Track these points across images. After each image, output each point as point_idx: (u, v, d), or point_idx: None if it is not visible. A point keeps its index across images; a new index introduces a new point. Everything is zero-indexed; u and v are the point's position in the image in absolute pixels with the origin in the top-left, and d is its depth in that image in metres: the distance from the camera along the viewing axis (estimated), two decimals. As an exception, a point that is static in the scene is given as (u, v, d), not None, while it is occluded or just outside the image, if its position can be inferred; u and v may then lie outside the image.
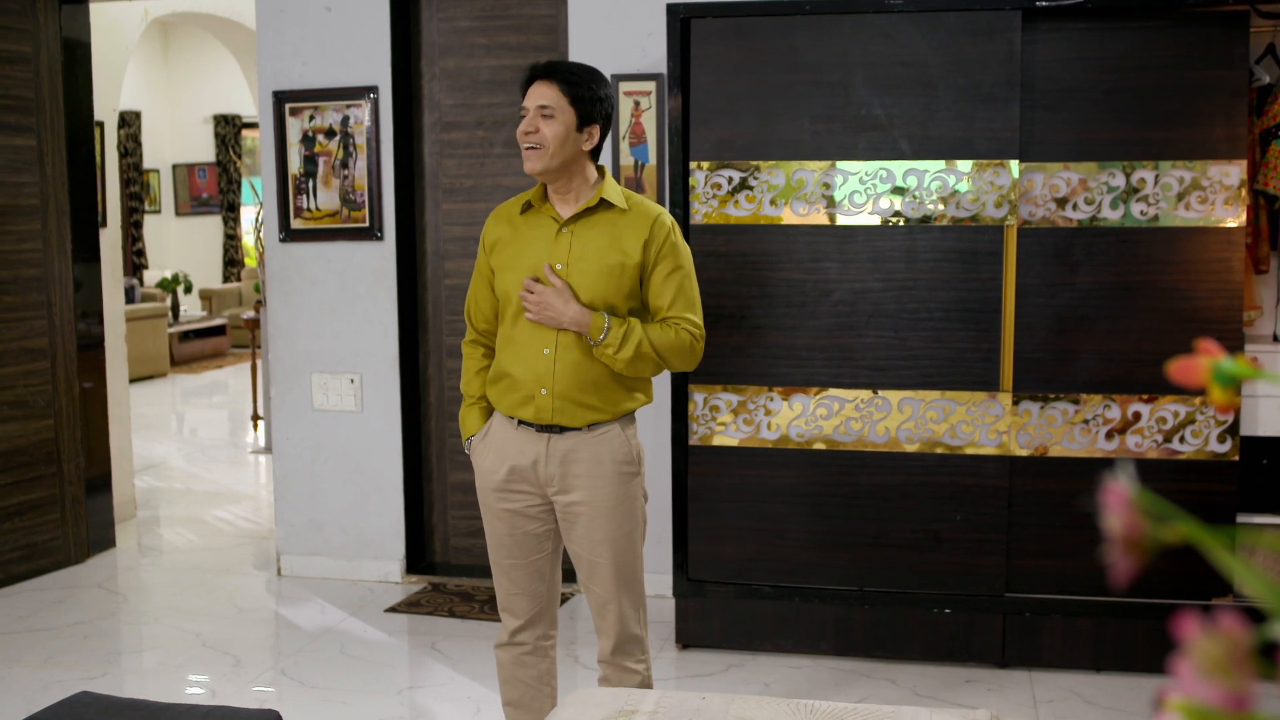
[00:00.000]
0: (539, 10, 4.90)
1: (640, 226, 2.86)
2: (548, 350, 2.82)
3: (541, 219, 2.89)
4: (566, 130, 2.80)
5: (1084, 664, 4.02)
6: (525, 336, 2.85)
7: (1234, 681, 0.58)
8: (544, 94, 2.82)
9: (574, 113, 2.81)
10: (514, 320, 2.88)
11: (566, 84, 2.81)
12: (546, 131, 2.79)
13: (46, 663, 4.22)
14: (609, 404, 2.87)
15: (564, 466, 2.86)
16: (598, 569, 2.89)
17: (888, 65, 3.94)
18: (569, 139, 2.81)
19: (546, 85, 2.82)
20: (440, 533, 5.22)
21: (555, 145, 2.79)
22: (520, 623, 2.99)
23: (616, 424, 2.89)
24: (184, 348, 12.16)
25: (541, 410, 2.84)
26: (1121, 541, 0.63)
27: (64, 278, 5.25)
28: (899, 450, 4.01)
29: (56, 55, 5.18)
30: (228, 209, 14.34)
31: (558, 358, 2.82)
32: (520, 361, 2.86)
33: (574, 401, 2.83)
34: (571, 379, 2.82)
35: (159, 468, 7.49)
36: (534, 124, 2.81)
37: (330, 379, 5.07)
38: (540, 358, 2.83)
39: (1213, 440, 3.87)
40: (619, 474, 2.87)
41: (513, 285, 2.86)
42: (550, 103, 2.80)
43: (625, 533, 2.89)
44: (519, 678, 3.03)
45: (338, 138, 4.97)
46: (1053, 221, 3.90)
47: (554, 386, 2.82)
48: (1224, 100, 3.81)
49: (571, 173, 2.85)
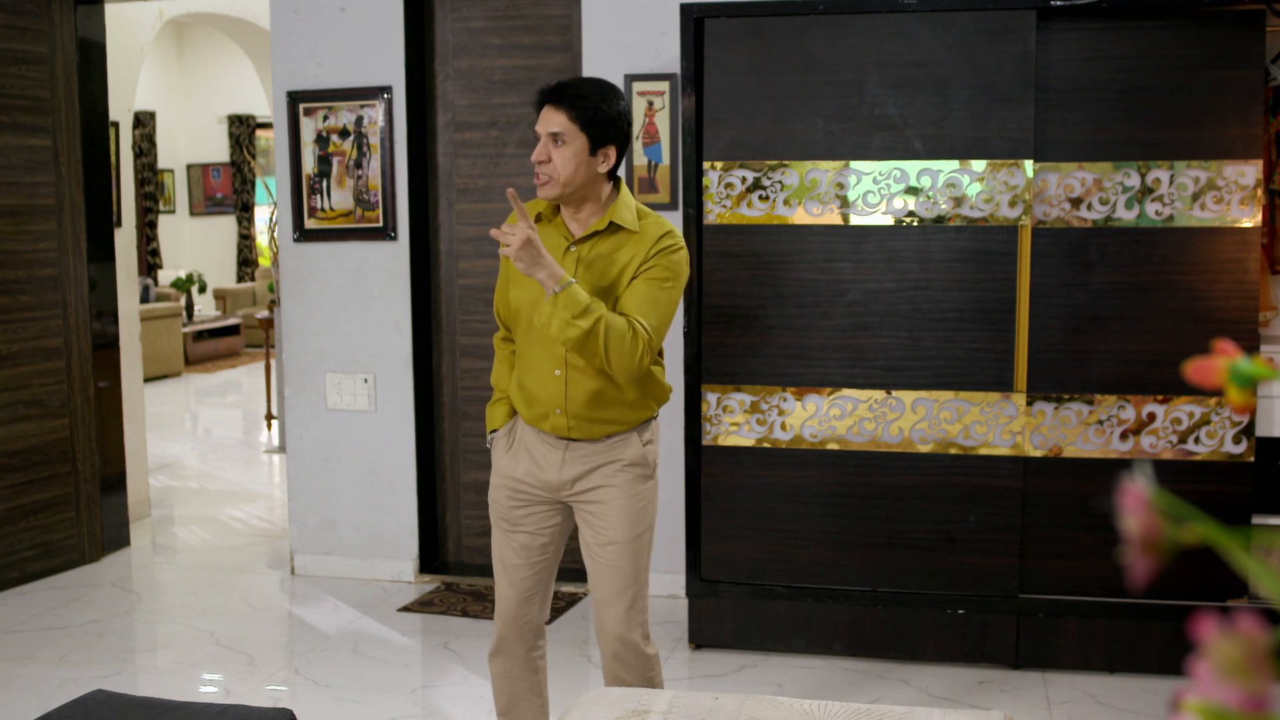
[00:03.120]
0: (553, 10, 4.90)
1: (644, 246, 2.79)
2: (558, 372, 2.80)
3: (552, 234, 2.84)
4: (579, 157, 2.73)
5: (1098, 665, 4.01)
6: (537, 354, 2.83)
7: (1252, 683, 0.58)
8: (554, 119, 2.73)
9: (586, 138, 2.73)
10: (526, 334, 2.86)
11: (576, 108, 2.71)
12: (558, 160, 2.72)
13: (61, 661, 4.23)
14: (624, 417, 2.86)
15: (580, 467, 2.86)
16: (605, 568, 2.89)
17: (901, 65, 3.94)
18: (581, 165, 2.73)
19: (556, 110, 2.73)
20: (454, 532, 5.23)
21: (567, 174, 2.73)
22: (506, 629, 2.98)
23: (634, 432, 2.88)
24: (198, 347, 12.20)
25: (558, 427, 2.85)
26: (1139, 543, 0.63)
27: (79, 277, 5.27)
28: (913, 451, 4.00)
29: (72, 56, 5.20)
30: (242, 209, 14.38)
31: (569, 379, 2.80)
32: (535, 380, 2.85)
33: (588, 420, 2.82)
34: (583, 400, 2.80)
35: (173, 467, 7.51)
36: (545, 152, 2.73)
37: (344, 379, 5.08)
38: (552, 379, 2.81)
39: (1228, 441, 3.85)
40: (633, 476, 2.87)
41: (524, 301, 2.83)
42: (560, 129, 2.72)
43: (636, 535, 2.88)
44: (508, 690, 3.03)
45: (351, 138, 4.98)
46: (1067, 221, 3.89)
47: (567, 407, 2.81)
48: (1240, 100, 3.80)
49: (585, 195, 2.80)
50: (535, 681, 3.03)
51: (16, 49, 4.97)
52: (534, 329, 2.80)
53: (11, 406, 5.01)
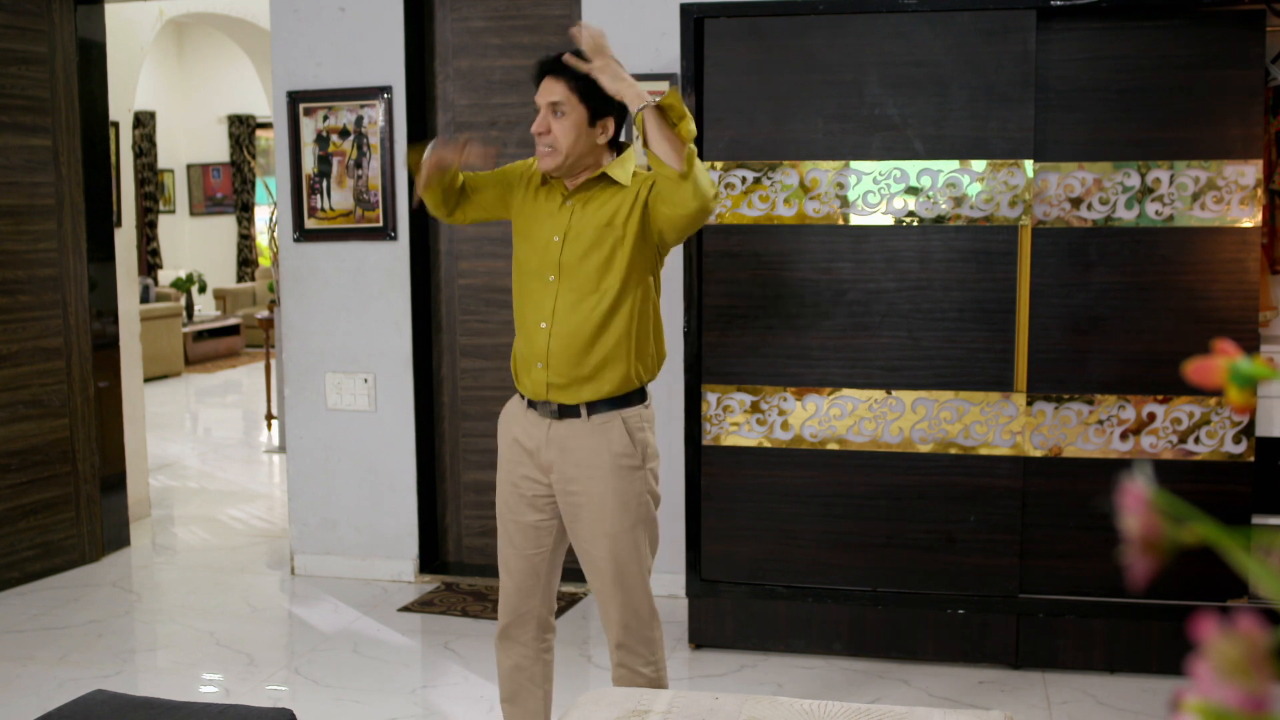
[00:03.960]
0: (552, 10, 4.90)
1: (637, 189, 2.82)
2: (544, 324, 2.84)
3: (552, 191, 2.90)
4: (579, 128, 2.76)
5: (1098, 665, 4.01)
6: (528, 309, 2.88)
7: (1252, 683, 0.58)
8: (554, 90, 2.77)
9: (585, 109, 2.76)
10: (522, 290, 2.90)
11: (575, 78, 2.74)
12: (558, 130, 2.76)
13: (61, 661, 4.23)
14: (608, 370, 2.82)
15: (563, 455, 2.85)
16: (596, 563, 2.88)
17: (901, 65, 3.94)
18: (582, 136, 2.77)
19: (556, 81, 2.77)
20: (454, 532, 5.23)
21: (568, 144, 2.76)
22: (509, 619, 2.99)
23: (618, 414, 2.84)
24: (198, 347, 12.20)
25: (538, 385, 2.85)
26: (1139, 542, 0.63)
27: (79, 277, 5.27)
28: (912, 451, 4.00)
29: (72, 56, 5.20)
30: (242, 209, 14.39)
31: (552, 331, 2.82)
32: (524, 339, 2.90)
33: (568, 376, 2.81)
34: (564, 348, 2.80)
35: (173, 467, 7.51)
36: (545, 123, 2.77)
37: (344, 379, 5.08)
38: (538, 332, 2.85)
39: (1228, 441, 3.85)
40: (617, 466, 2.82)
41: (525, 254, 2.88)
42: (560, 99, 2.75)
43: (625, 528, 2.84)
44: (512, 677, 3.03)
45: (351, 138, 4.98)
46: (1067, 221, 3.89)
47: (549, 360, 2.83)
48: (1240, 100, 3.80)
49: (585, 167, 2.84)
50: (539, 673, 3.03)
51: (16, 49, 4.97)
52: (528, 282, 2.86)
53: (11, 406, 5.01)
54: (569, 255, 2.81)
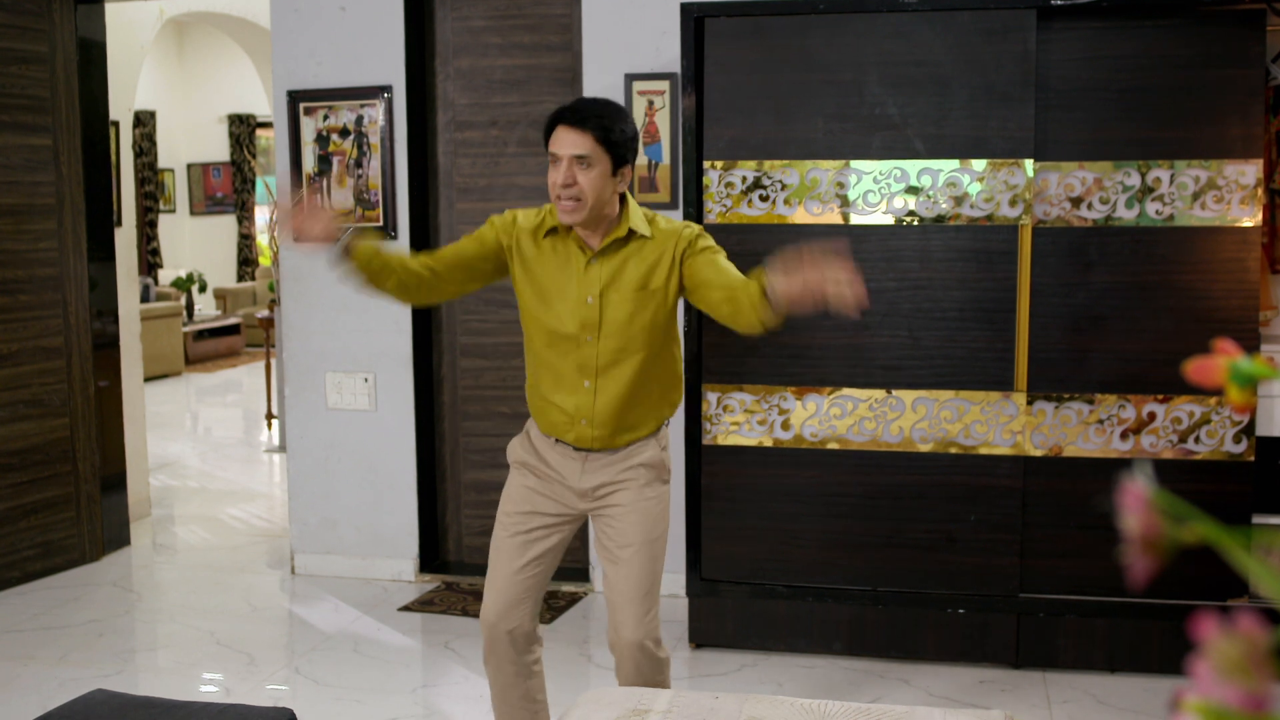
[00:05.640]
0: (553, 9, 4.90)
1: (667, 246, 2.82)
2: (588, 383, 2.84)
3: (568, 248, 2.84)
4: (604, 178, 2.73)
5: (1099, 665, 4.01)
6: (565, 368, 2.85)
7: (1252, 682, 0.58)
8: (578, 142, 2.71)
9: (609, 159, 2.73)
10: (551, 345, 2.86)
11: (600, 129, 2.70)
12: (584, 183, 2.71)
13: (61, 660, 4.23)
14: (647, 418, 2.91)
15: (602, 478, 2.90)
16: (625, 570, 2.88)
17: (902, 64, 3.93)
18: (606, 186, 2.74)
19: (578, 133, 2.71)
20: (454, 532, 5.23)
21: (594, 196, 2.73)
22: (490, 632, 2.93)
23: (651, 438, 2.93)
24: (198, 347, 12.20)
25: (581, 438, 2.88)
26: (1140, 542, 0.63)
27: (79, 277, 5.27)
28: (913, 450, 4.00)
29: (72, 55, 5.20)
30: (242, 208, 14.39)
31: (597, 388, 2.84)
32: (561, 391, 2.87)
33: (612, 430, 2.87)
34: (610, 410, 2.85)
35: (173, 466, 7.51)
36: (570, 175, 2.71)
37: (344, 378, 5.08)
38: (581, 390, 2.85)
39: (1228, 441, 3.85)
40: (650, 477, 2.91)
41: (549, 317, 2.84)
42: (586, 151, 2.70)
43: (654, 537, 2.90)
44: (500, 696, 3.01)
45: (352, 137, 4.98)
46: (1068, 221, 3.89)
47: (594, 417, 2.85)
48: (1240, 99, 3.80)
49: (605, 215, 2.81)
50: (528, 688, 2.99)
51: (17, 48, 4.97)
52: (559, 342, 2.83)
53: (12, 406, 5.01)
54: (610, 317, 2.80)
